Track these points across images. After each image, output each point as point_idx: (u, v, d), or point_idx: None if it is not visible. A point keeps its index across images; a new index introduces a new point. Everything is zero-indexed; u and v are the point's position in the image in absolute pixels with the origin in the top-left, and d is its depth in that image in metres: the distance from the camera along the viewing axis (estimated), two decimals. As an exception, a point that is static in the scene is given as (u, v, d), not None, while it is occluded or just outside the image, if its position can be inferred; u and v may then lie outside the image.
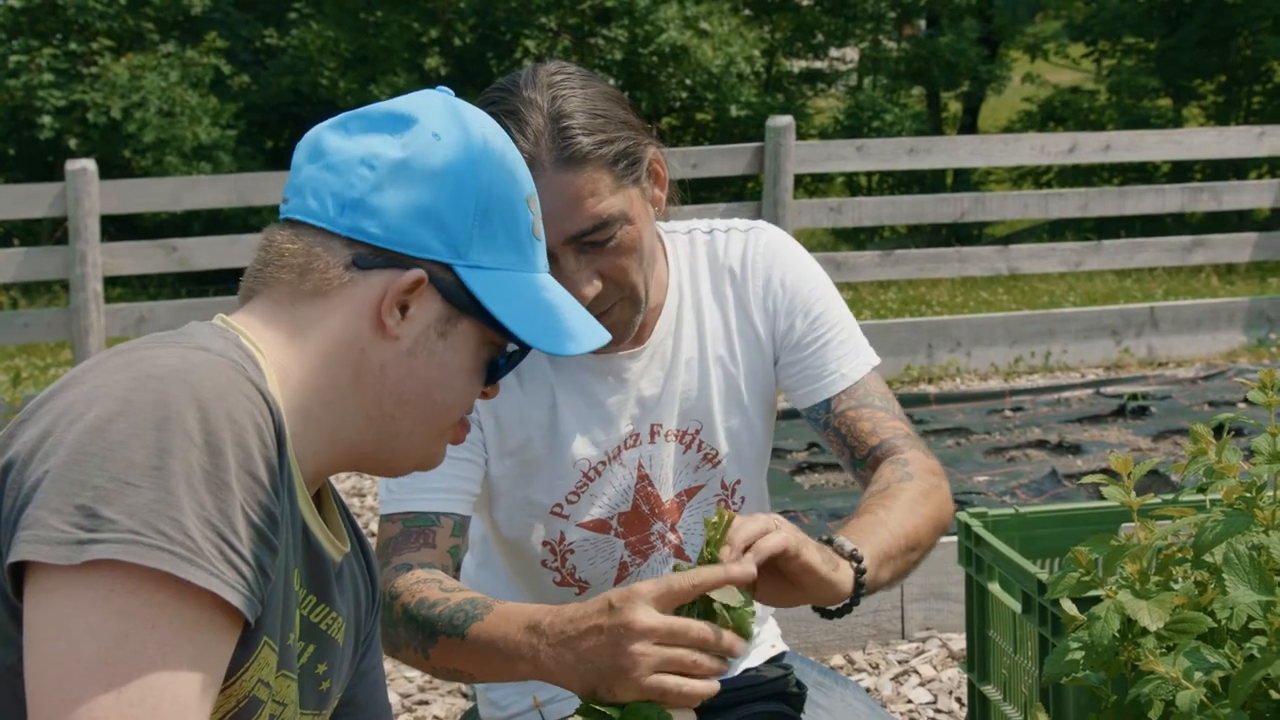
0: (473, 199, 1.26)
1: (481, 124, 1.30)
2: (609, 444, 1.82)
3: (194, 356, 1.14)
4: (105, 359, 1.16)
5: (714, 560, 1.39)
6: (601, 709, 1.36)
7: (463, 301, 1.26)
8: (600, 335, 1.35)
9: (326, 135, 1.28)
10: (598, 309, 1.70)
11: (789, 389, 1.87)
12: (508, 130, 1.61)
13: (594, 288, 1.67)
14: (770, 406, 1.91)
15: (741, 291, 1.85)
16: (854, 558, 1.56)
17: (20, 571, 1.07)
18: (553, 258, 1.66)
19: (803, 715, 1.90)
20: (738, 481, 1.90)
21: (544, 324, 1.29)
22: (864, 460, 1.81)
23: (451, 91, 1.34)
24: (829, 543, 1.57)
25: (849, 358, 1.84)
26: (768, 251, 1.86)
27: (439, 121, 1.27)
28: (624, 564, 1.87)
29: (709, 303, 1.86)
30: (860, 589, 1.57)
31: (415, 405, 1.27)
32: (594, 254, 1.67)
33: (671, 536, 1.88)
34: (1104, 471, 4.55)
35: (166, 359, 1.13)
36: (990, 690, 2.01)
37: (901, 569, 1.68)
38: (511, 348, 1.33)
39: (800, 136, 8.12)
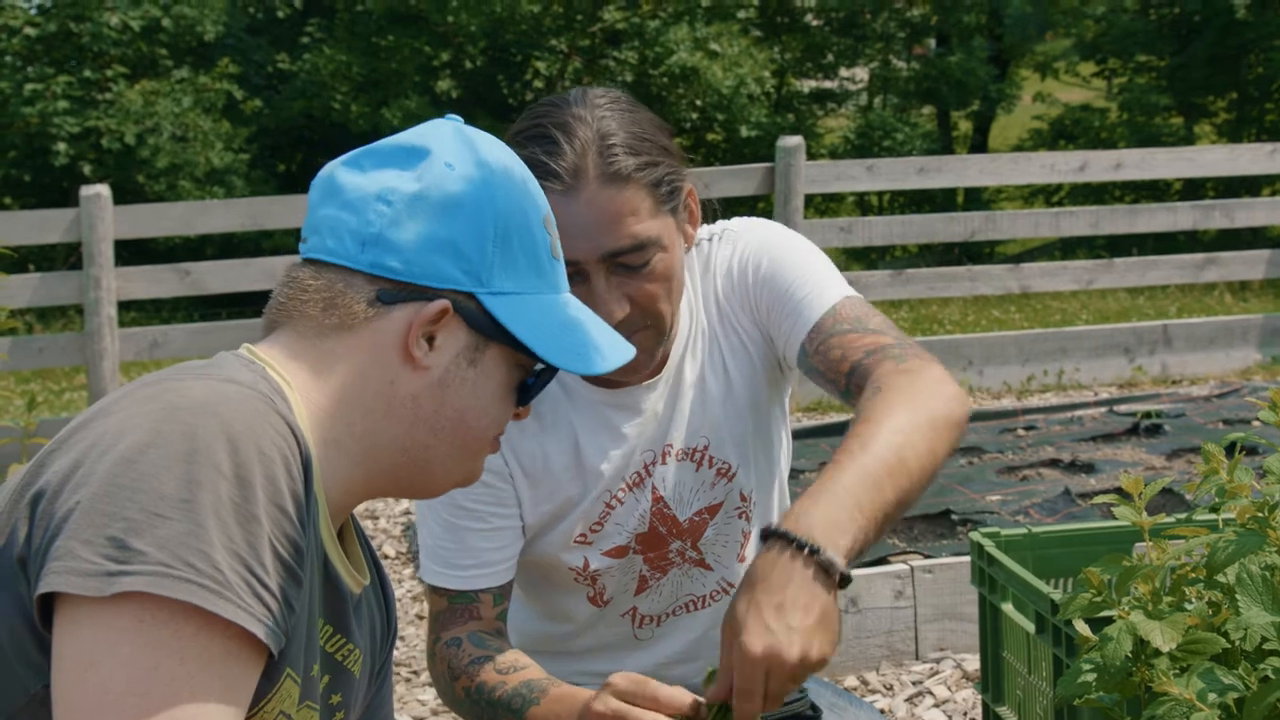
0: (491, 225, 1.26)
1: (493, 149, 1.31)
2: (628, 472, 1.83)
3: (223, 389, 1.15)
4: (135, 389, 1.17)
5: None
6: None
7: (488, 328, 1.27)
8: (626, 351, 1.35)
9: (340, 173, 1.29)
10: (622, 333, 1.68)
11: (783, 355, 1.82)
12: (555, 142, 1.64)
13: (622, 310, 1.68)
14: (779, 401, 1.90)
15: (726, 295, 1.85)
16: (844, 578, 1.40)
17: (49, 601, 1.08)
18: (584, 274, 1.66)
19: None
20: (752, 490, 1.90)
21: (569, 344, 1.30)
22: (848, 390, 1.68)
23: (460, 119, 1.34)
24: (783, 537, 1.39)
25: (812, 297, 1.75)
26: (732, 245, 1.85)
27: (451, 151, 1.28)
28: (643, 577, 1.89)
29: (703, 316, 1.86)
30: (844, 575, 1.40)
31: (450, 433, 1.28)
32: (625, 277, 1.68)
33: (692, 553, 1.88)
34: (1117, 491, 4.54)
35: (196, 391, 1.14)
36: (1005, 711, 2.01)
37: (891, 500, 1.46)
38: (540, 366, 1.33)
39: (810, 156, 8.14)
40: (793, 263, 1.78)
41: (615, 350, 1.34)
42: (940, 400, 1.56)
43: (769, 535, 1.41)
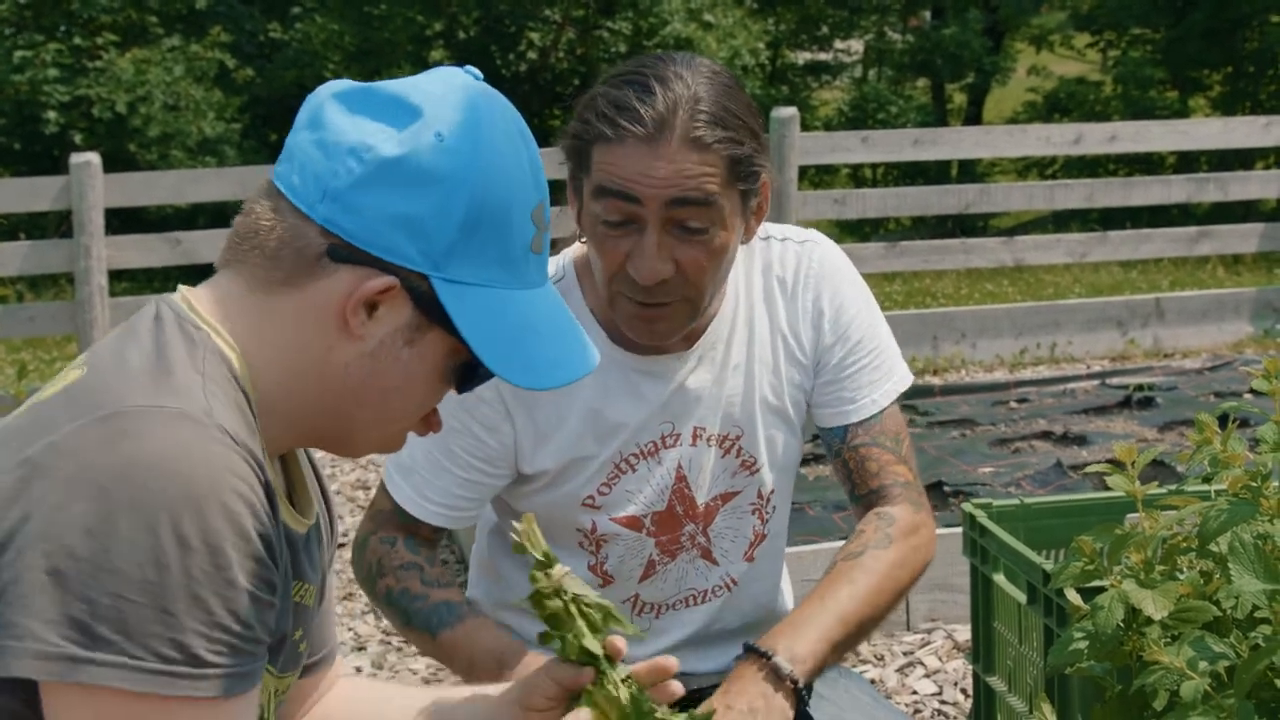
0: (461, 211, 1.18)
1: (495, 126, 1.22)
2: (644, 438, 1.82)
3: (180, 434, 1.08)
4: (83, 429, 1.08)
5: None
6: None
7: (434, 313, 1.20)
8: (573, 370, 1.26)
9: (329, 106, 1.22)
10: (658, 297, 1.69)
11: (815, 405, 1.89)
12: (650, 91, 1.64)
13: (666, 270, 1.67)
14: (804, 419, 1.92)
15: (791, 305, 1.86)
16: (791, 680, 1.66)
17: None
18: (639, 223, 1.65)
19: (808, 707, 1.91)
20: (772, 491, 1.90)
21: (513, 349, 1.22)
22: (861, 498, 1.87)
23: (479, 73, 1.26)
24: (761, 654, 1.66)
25: (877, 385, 1.86)
26: (820, 268, 1.87)
27: (446, 119, 1.19)
28: (652, 562, 1.88)
29: (760, 311, 1.86)
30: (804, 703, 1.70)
31: (374, 408, 1.24)
32: (679, 239, 1.67)
33: (701, 539, 1.88)
34: (1109, 462, 4.53)
35: (152, 442, 1.07)
36: (995, 681, 2.01)
37: (852, 648, 1.78)
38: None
39: (805, 128, 8.11)
40: (874, 335, 1.88)
41: (567, 364, 1.25)
42: (921, 567, 1.84)
43: (749, 650, 1.68)
